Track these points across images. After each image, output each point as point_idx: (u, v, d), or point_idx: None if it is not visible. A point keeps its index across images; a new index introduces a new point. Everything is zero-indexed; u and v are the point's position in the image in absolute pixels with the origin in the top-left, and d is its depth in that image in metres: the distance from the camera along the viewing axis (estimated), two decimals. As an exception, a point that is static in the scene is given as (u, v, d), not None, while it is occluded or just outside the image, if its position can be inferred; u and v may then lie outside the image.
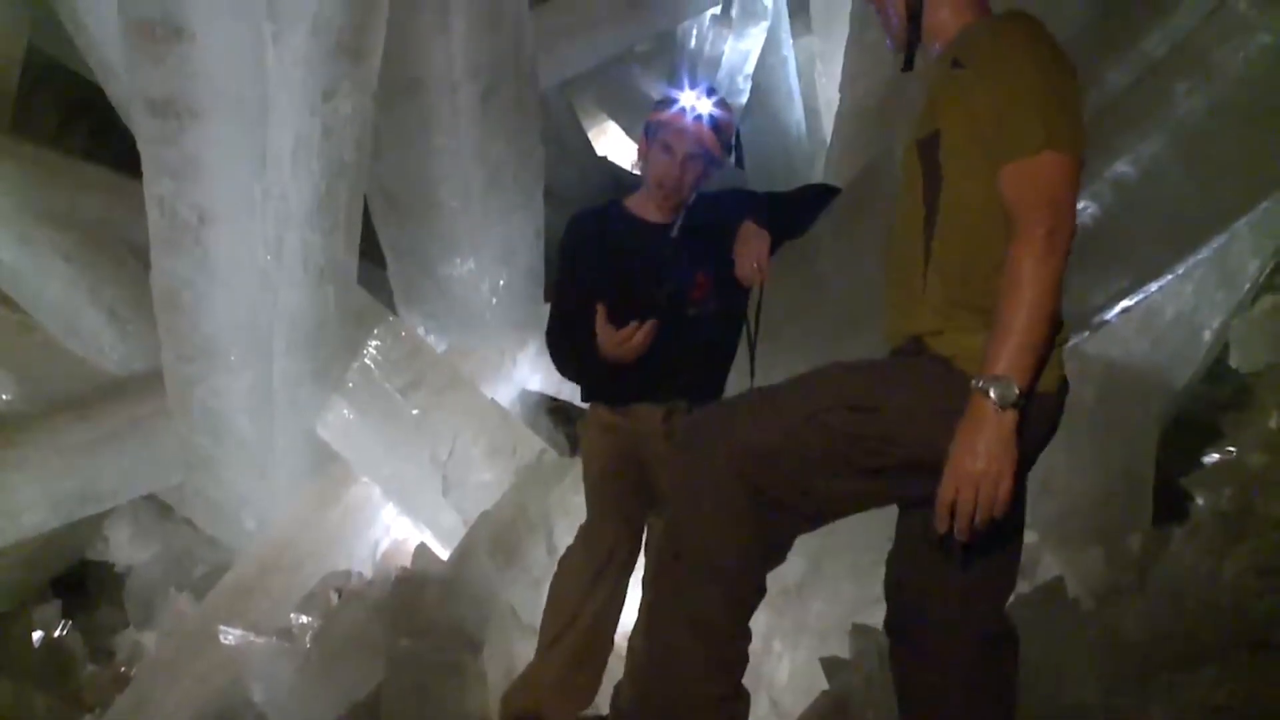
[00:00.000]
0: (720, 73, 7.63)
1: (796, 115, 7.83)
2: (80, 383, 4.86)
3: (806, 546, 2.22)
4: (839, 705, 2.75)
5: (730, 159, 3.66)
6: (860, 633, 2.79)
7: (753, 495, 1.94)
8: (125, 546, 5.17)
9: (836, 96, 5.33)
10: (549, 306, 3.15)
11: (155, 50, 3.46)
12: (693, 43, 7.96)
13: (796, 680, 3.21)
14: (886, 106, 4.23)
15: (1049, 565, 3.26)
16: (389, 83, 3.93)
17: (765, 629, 3.18)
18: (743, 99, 7.67)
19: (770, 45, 7.68)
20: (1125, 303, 3.15)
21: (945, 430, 1.83)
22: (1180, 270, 3.21)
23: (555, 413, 4.89)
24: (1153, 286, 3.17)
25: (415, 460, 4.12)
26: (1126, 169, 2.90)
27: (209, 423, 4.17)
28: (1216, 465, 3.78)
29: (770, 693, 3.23)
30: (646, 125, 3.01)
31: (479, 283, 4.55)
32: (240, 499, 4.40)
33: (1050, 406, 1.92)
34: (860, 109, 4.76)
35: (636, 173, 7.47)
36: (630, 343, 2.79)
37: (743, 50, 7.65)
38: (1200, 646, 2.64)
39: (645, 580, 2.82)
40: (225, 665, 3.87)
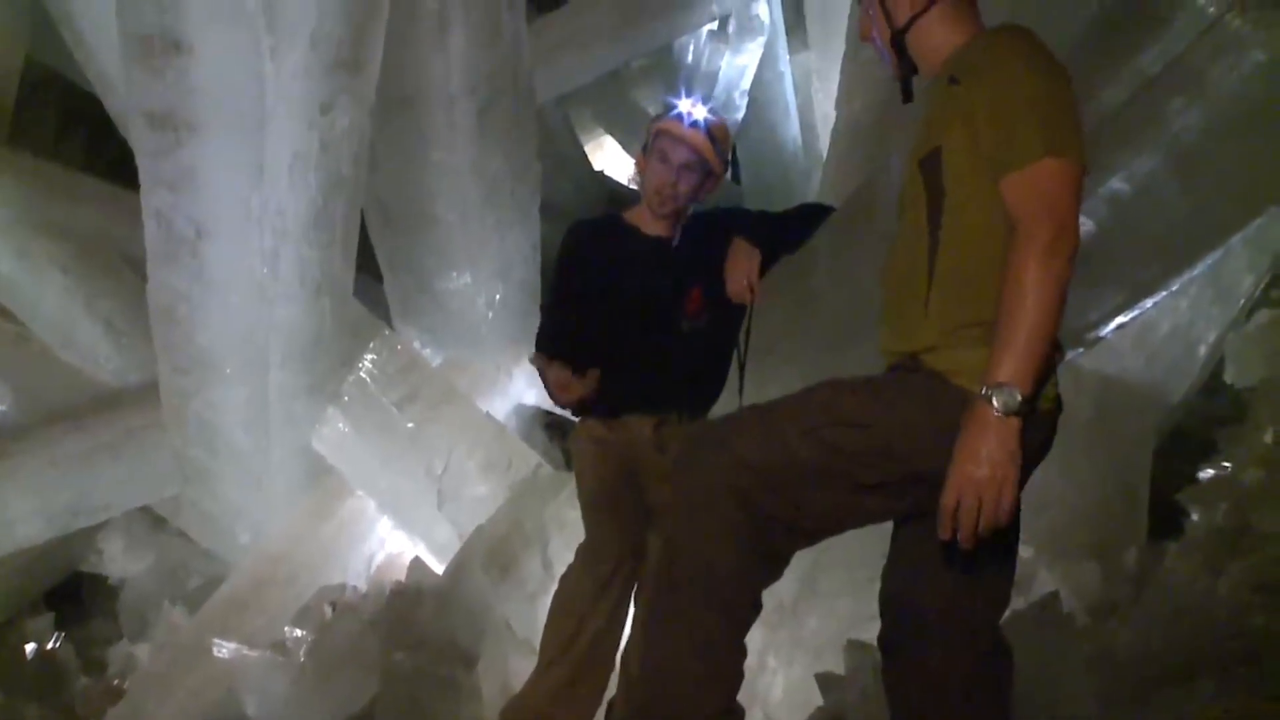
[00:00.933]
0: (717, 88, 7.61)
1: (793, 131, 7.82)
2: (76, 394, 4.84)
3: (801, 563, 2.21)
4: (834, 721, 2.75)
5: (727, 175, 3.67)
6: (855, 649, 2.78)
7: (749, 511, 1.94)
8: (119, 559, 5.14)
9: (833, 112, 5.35)
10: (541, 315, 3.15)
11: (154, 63, 3.47)
12: (690, 58, 7.97)
13: (791, 696, 3.20)
14: (883, 123, 4.25)
15: (1044, 580, 3.26)
16: (386, 97, 3.93)
17: (760, 645, 3.16)
18: (739, 114, 7.66)
19: (767, 61, 7.67)
20: (1121, 318, 3.16)
21: (942, 445, 1.82)
22: (1175, 286, 3.22)
23: (550, 427, 4.89)
24: (1148, 302, 3.18)
25: (410, 474, 4.11)
26: (1121, 185, 2.91)
27: (204, 435, 4.16)
28: (1212, 480, 3.78)
29: (765, 709, 3.21)
30: (644, 138, 3.04)
31: (475, 297, 4.54)
32: (235, 512, 4.38)
33: (1045, 423, 1.92)
34: (856, 125, 4.78)
35: (634, 188, 7.50)
36: (570, 392, 2.82)
37: (740, 66, 7.63)
38: (1196, 662, 2.63)
39: (640, 596, 2.81)
40: (219, 678, 3.84)
